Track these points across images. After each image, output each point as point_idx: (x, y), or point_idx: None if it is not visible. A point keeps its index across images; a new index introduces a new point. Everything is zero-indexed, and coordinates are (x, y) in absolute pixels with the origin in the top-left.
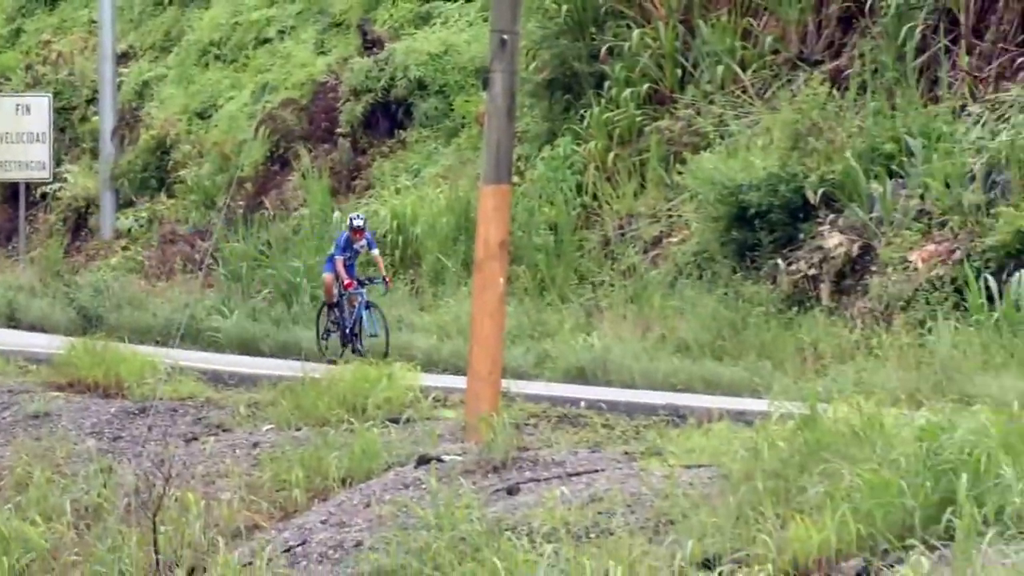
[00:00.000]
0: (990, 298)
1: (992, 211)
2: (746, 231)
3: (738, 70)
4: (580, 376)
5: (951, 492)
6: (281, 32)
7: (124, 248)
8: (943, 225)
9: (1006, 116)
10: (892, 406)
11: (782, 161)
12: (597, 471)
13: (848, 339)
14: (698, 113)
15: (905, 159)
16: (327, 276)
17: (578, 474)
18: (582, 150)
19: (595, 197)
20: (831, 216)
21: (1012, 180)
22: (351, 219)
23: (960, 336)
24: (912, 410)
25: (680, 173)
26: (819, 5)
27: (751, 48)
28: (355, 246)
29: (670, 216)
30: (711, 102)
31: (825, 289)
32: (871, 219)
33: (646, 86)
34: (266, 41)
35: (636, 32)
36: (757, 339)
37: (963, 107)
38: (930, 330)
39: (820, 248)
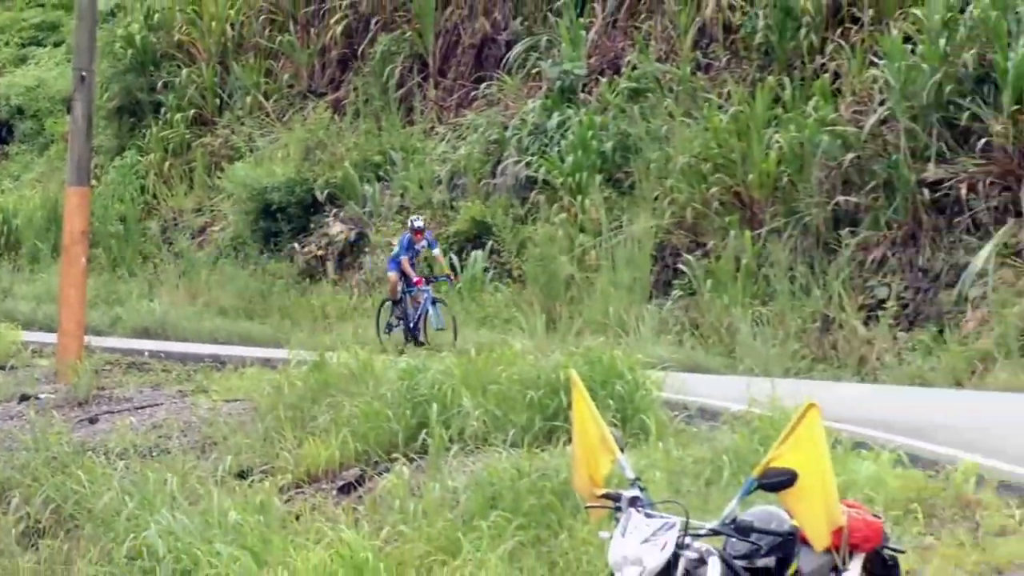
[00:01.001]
0: (454, 272)
1: (455, 206)
2: (270, 222)
3: (263, 100)
4: (145, 333)
5: (425, 418)
6: None
7: None
8: (417, 215)
9: (464, 135)
10: (381, 354)
11: (297, 169)
12: (158, 405)
13: (348, 303)
14: (233, 132)
15: (389, 167)
16: (392, 275)
17: (143, 407)
18: (144, 160)
19: (155, 196)
20: (334, 210)
21: (469, 183)
22: (411, 221)
23: None
24: (395, 356)
25: (219, 178)
26: (323, 50)
27: (272, 83)
28: (416, 246)
29: (212, 210)
30: (243, 124)
31: (330, 266)
32: (364, 212)
33: (193, 111)
34: None
35: (185, 71)
36: (280, 304)
37: (432, 128)
38: None
39: (327, 235)
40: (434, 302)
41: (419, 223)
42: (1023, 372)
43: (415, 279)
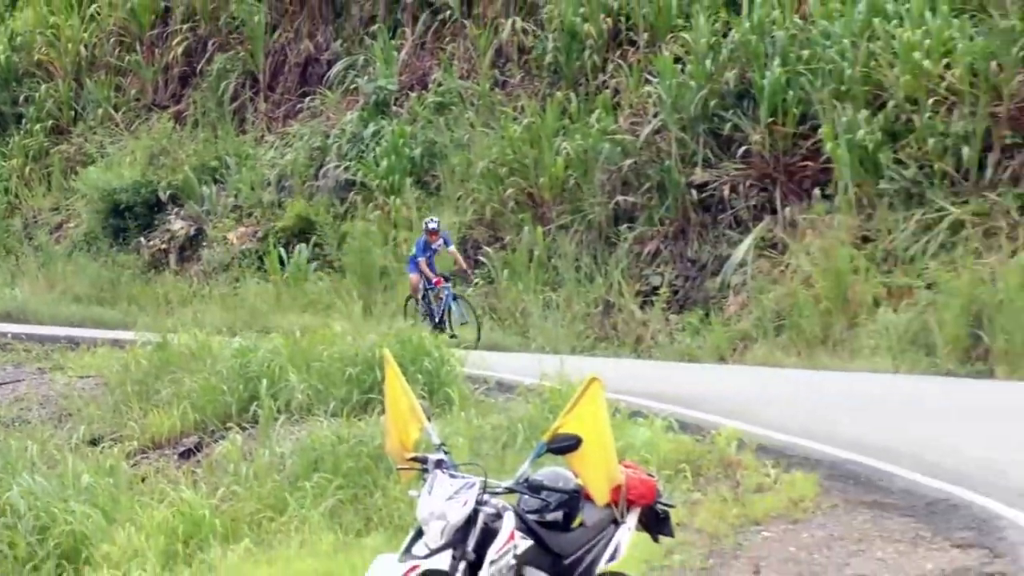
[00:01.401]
0: (282, 263)
1: (282, 205)
2: (119, 219)
3: (112, 112)
4: (8, 317)
5: (256, 392)
6: None
7: None
8: (250, 215)
9: (290, 143)
10: (217, 335)
11: (143, 172)
12: (20, 380)
13: (188, 291)
14: (86, 140)
15: (224, 171)
16: (412, 276)
17: (6, 383)
18: (7, 165)
19: (17, 196)
20: (176, 209)
21: (294, 184)
22: (426, 223)
23: (262, 288)
24: (230, 338)
25: (74, 180)
26: (166, 68)
27: (121, 97)
28: (433, 246)
29: (68, 209)
30: (95, 133)
31: (172, 258)
32: (202, 211)
33: (51, 122)
34: None
35: (44, 86)
36: (128, 291)
37: (262, 136)
38: (241, 285)
39: (169, 231)
40: (455, 297)
41: (433, 225)
42: (778, 350)
43: (434, 279)
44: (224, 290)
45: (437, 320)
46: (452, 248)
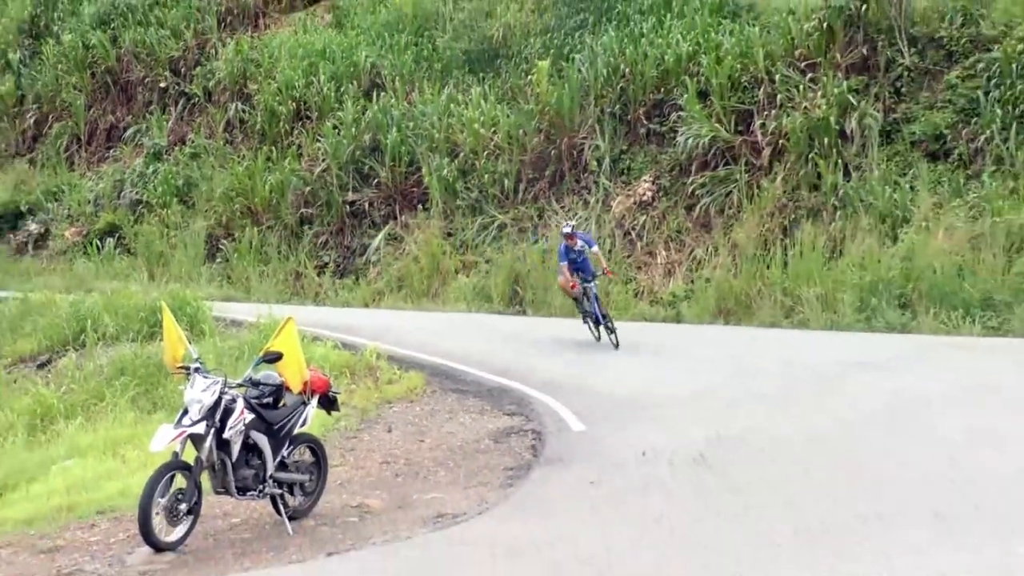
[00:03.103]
0: (98, 250)
1: (98, 215)
2: None
3: None
4: None
5: (84, 327)
6: None
7: None
8: (78, 220)
9: (102, 177)
10: (59, 294)
11: (11, 195)
12: None
13: (41, 268)
14: None
15: (62, 193)
16: (560, 280)
17: None
18: None
19: None
20: (32, 217)
21: (105, 202)
22: (562, 229)
23: (86, 266)
24: (67, 295)
25: None
26: (23, 131)
27: None
28: (576, 248)
29: None
30: None
31: (30, 247)
32: (49, 219)
33: None
34: None
35: None
36: (3, 268)
37: (84, 173)
38: (73, 262)
39: (28, 230)
40: (596, 297)
41: (567, 229)
42: (400, 300)
43: (571, 283)
44: (63, 267)
45: (596, 316)
46: (595, 248)
